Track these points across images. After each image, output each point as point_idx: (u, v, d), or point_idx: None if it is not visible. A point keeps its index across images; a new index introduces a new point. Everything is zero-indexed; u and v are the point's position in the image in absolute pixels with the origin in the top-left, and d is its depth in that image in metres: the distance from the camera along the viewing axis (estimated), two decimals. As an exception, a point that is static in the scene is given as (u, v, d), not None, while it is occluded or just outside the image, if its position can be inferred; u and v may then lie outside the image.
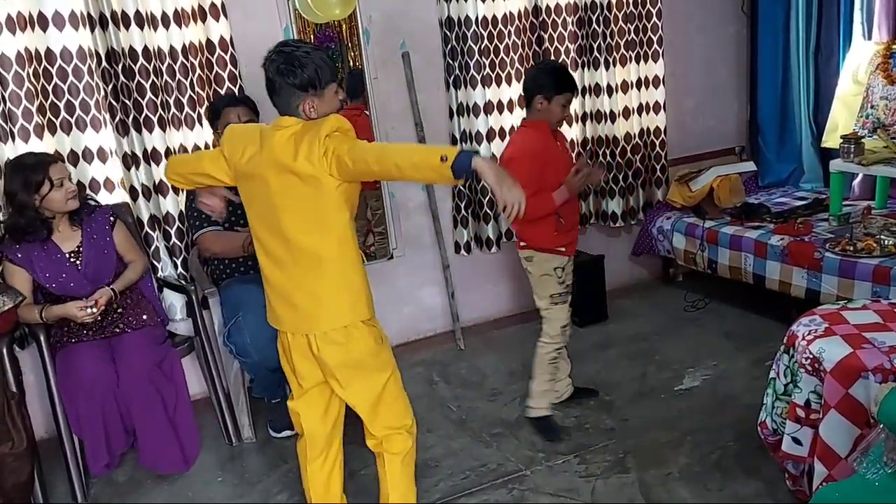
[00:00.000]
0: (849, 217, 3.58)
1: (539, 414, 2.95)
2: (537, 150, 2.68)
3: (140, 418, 2.74)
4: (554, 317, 2.87)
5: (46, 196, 2.70)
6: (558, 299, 2.85)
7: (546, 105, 2.68)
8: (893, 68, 3.70)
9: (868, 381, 1.96)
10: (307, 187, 1.92)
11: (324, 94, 1.97)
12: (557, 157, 2.77)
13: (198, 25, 3.15)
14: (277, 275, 2.07)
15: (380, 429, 2.17)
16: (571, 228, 2.85)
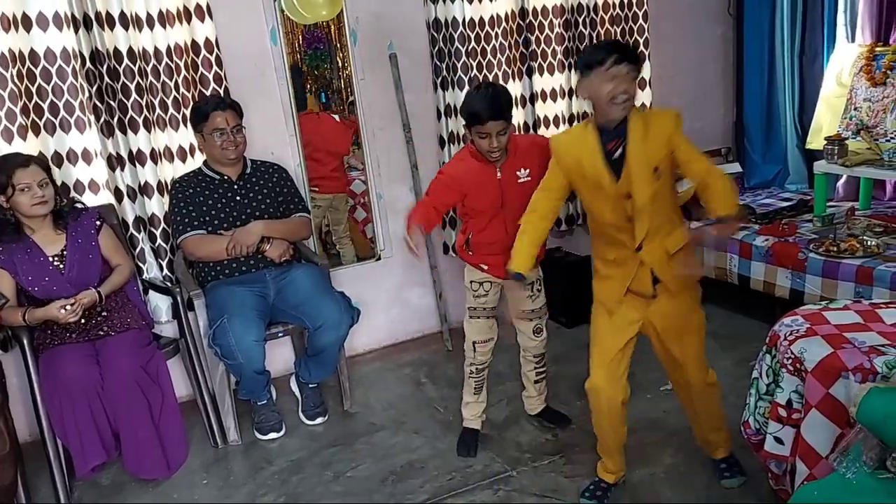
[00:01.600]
0: (833, 218, 3.61)
1: (465, 424, 2.93)
2: (451, 172, 2.66)
3: (125, 422, 2.73)
4: (466, 330, 2.83)
5: (12, 199, 2.69)
6: (472, 313, 2.79)
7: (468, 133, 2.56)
8: (876, 71, 3.73)
9: (848, 381, 1.97)
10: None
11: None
12: (481, 184, 2.57)
13: (183, 26, 3.14)
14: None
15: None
16: (494, 253, 2.65)
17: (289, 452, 3.00)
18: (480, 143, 2.50)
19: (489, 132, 2.46)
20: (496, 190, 2.59)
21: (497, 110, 2.46)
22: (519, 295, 2.66)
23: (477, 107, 2.45)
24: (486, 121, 2.44)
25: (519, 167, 2.59)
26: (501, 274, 2.60)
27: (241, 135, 3.06)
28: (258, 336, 2.84)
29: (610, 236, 2.31)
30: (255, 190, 3.12)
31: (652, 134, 2.17)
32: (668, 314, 2.34)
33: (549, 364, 3.00)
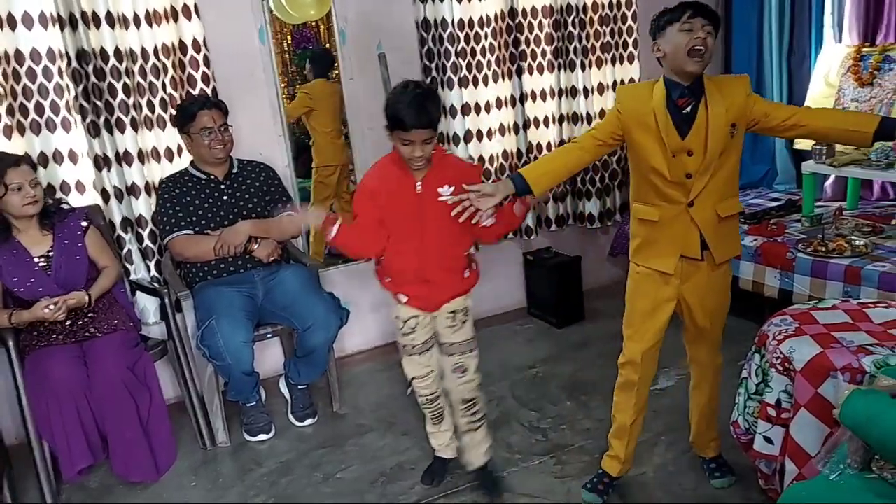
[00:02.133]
0: (821, 218, 3.62)
1: (436, 453, 2.74)
2: (368, 183, 2.40)
3: (112, 424, 2.71)
4: (403, 364, 2.57)
5: (3, 199, 2.66)
6: (404, 350, 2.52)
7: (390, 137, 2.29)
8: (863, 71, 3.75)
9: (837, 381, 1.98)
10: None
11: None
12: (398, 195, 2.32)
13: (170, 25, 3.12)
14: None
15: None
16: (409, 282, 2.40)
17: (278, 454, 2.98)
18: (403, 150, 2.24)
19: (414, 140, 2.20)
20: (414, 204, 2.31)
21: (425, 117, 2.19)
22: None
23: (402, 111, 2.17)
24: (410, 128, 2.18)
25: (442, 183, 2.29)
26: (425, 306, 2.41)
27: (229, 133, 3.04)
28: (246, 337, 2.83)
29: (661, 192, 2.24)
30: (242, 189, 3.10)
31: (727, 93, 2.19)
32: (710, 286, 2.34)
33: (484, 411, 2.61)
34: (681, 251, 2.27)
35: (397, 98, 2.22)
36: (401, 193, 2.32)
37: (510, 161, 3.94)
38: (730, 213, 2.28)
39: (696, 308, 2.37)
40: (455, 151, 3.76)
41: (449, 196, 2.24)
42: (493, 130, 3.87)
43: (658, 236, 2.29)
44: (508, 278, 4.16)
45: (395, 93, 2.26)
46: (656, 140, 2.19)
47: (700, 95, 2.19)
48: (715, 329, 2.45)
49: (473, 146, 3.80)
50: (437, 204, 2.27)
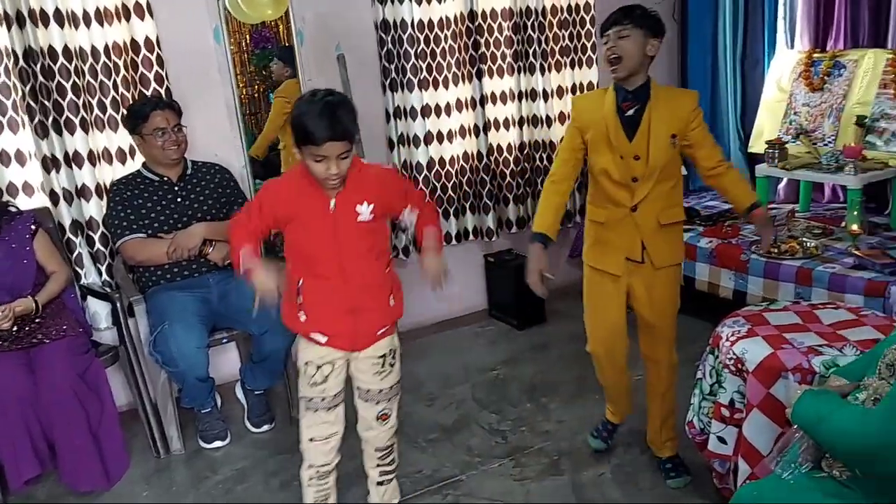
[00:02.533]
0: (774, 220, 3.68)
1: None
2: (277, 188, 2.15)
3: (60, 433, 2.63)
4: (301, 422, 2.23)
5: None
6: (308, 404, 2.19)
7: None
8: (814, 76, 3.83)
9: (788, 381, 2.02)
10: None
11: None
12: (310, 214, 2.06)
13: (121, 24, 3.05)
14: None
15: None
16: (334, 314, 2.12)
17: (234, 461, 2.93)
18: (315, 168, 1.96)
19: (327, 155, 1.93)
20: (328, 225, 2.05)
21: (339, 128, 1.93)
22: (542, 265, 2.39)
23: (312, 123, 1.91)
24: (323, 141, 1.91)
25: (360, 200, 2.06)
26: (350, 344, 2.15)
27: (183, 134, 2.99)
28: (200, 342, 2.78)
29: (609, 195, 2.35)
30: (196, 191, 3.04)
31: (674, 104, 2.31)
32: (652, 285, 2.42)
33: (398, 459, 2.43)
34: (626, 254, 2.39)
35: (305, 108, 1.93)
36: (314, 211, 2.05)
37: (471, 163, 3.94)
38: (671, 221, 2.38)
39: (644, 304, 2.45)
40: (415, 154, 3.75)
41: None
42: (453, 133, 3.86)
43: (606, 237, 2.41)
44: (469, 280, 4.16)
45: (303, 102, 1.97)
46: (606, 143, 2.30)
47: (645, 101, 2.28)
48: (665, 328, 2.49)
49: (434, 148, 3.79)
50: (354, 226, 2.06)
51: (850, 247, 3.20)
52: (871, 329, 2.16)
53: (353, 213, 2.06)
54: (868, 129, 3.51)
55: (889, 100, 3.47)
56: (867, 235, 3.33)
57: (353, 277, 2.09)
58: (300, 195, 2.05)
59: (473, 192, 3.97)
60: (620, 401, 2.69)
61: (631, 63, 2.23)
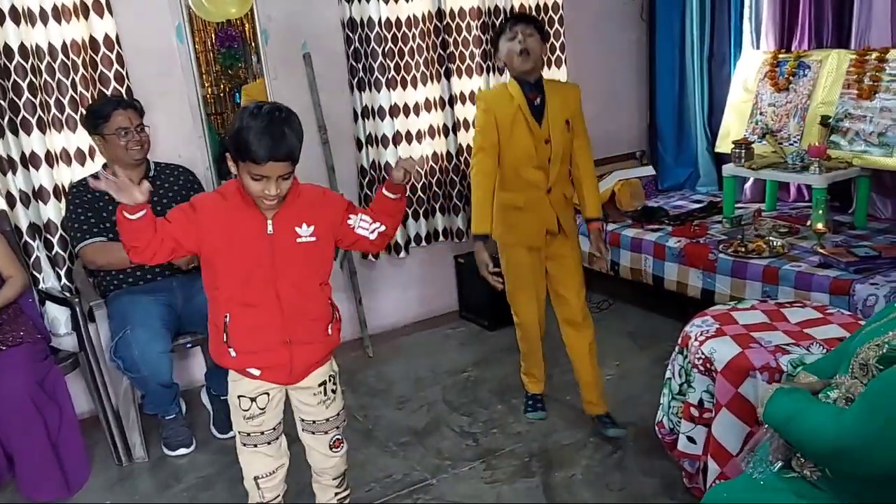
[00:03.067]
0: (741, 219, 3.72)
1: None
2: (203, 207, 1.93)
3: (18, 442, 2.56)
4: (241, 461, 2.13)
5: None
6: (246, 440, 2.08)
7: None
8: (780, 77, 3.87)
9: (756, 380, 2.02)
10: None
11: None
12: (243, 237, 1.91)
13: (80, 22, 2.97)
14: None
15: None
16: (266, 348, 1.97)
17: (199, 468, 2.87)
18: (252, 187, 1.83)
19: (268, 175, 1.81)
20: (265, 248, 1.91)
21: (284, 148, 1.81)
22: (485, 260, 2.63)
23: (254, 139, 1.77)
24: (264, 160, 1.78)
25: (299, 222, 1.93)
26: (284, 377, 2.01)
27: (145, 134, 2.92)
28: (164, 347, 2.71)
29: (526, 180, 2.63)
30: (159, 194, 2.98)
31: (561, 95, 2.66)
32: (564, 255, 2.76)
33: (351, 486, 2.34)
34: (545, 227, 2.69)
35: (248, 122, 1.79)
36: (248, 234, 1.90)
37: (440, 164, 3.92)
38: (571, 196, 2.79)
39: (561, 270, 2.77)
40: (384, 154, 3.71)
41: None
42: (422, 133, 3.83)
43: (524, 218, 2.67)
44: (440, 281, 4.13)
45: (246, 115, 1.81)
46: (527, 131, 2.59)
47: (543, 93, 2.62)
48: (581, 288, 2.81)
49: (403, 149, 3.75)
50: (293, 248, 1.92)
51: (816, 245, 3.23)
52: (836, 327, 2.17)
53: (293, 234, 1.92)
54: (832, 129, 3.55)
55: (852, 100, 3.51)
56: (832, 234, 3.38)
57: (289, 306, 1.94)
58: (233, 214, 1.90)
59: (443, 192, 3.95)
60: (541, 366, 3.00)
61: (536, 57, 2.56)
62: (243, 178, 1.85)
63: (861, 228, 3.49)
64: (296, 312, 1.96)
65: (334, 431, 2.14)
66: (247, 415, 2.02)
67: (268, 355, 1.97)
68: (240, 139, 1.79)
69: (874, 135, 3.39)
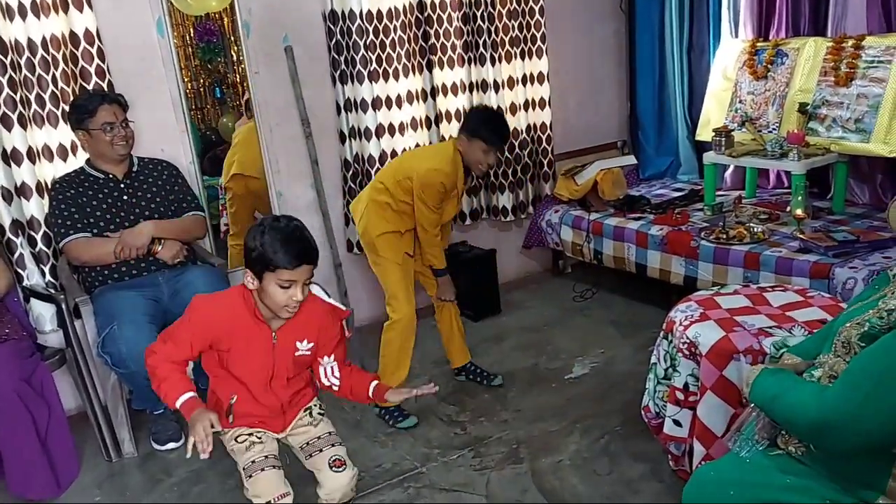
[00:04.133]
0: (722, 207, 3.77)
1: None
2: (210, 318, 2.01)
3: (6, 440, 2.54)
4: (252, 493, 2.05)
5: None
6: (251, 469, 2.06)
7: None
8: (758, 65, 3.92)
9: (740, 363, 2.06)
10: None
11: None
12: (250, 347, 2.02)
13: (59, 16, 2.94)
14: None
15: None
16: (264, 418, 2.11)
17: (189, 462, 2.86)
18: (278, 296, 1.90)
19: (296, 280, 1.89)
20: (268, 358, 2.03)
21: (312, 251, 1.92)
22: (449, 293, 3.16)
23: (285, 249, 1.86)
24: (296, 265, 1.87)
25: (301, 337, 2.05)
26: (275, 430, 2.14)
27: (130, 129, 2.91)
28: (151, 342, 2.70)
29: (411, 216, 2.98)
30: (143, 189, 2.97)
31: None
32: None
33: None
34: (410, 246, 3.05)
35: (272, 235, 1.87)
36: (254, 344, 2.00)
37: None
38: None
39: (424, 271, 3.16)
40: (367, 147, 3.71)
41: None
42: (405, 125, 3.84)
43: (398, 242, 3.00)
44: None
45: (267, 229, 1.89)
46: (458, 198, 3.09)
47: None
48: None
49: (385, 141, 3.76)
50: (292, 360, 2.06)
51: (796, 231, 3.29)
52: (817, 310, 2.22)
53: (293, 349, 2.05)
54: (810, 116, 3.61)
55: (829, 87, 3.57)
56: (811, 219, 3.44)
57: (282, 395, 2.11)
58: (239, 325, 1.98)
59: (427, 184, 3.95)
60: (406, 372, 3.08)
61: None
62: (269, 289, 1.90)
63: (839, 213, 3.56)
64: (286, 396, 2.12)
65: (330, 449, 2.15)
66: (248, 444, 2.09)
67: (264, 420, 2.12)
68: (268, 250, 1.86)
69: (851, 121, 3.45)
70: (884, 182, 3.68)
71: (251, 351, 2.01)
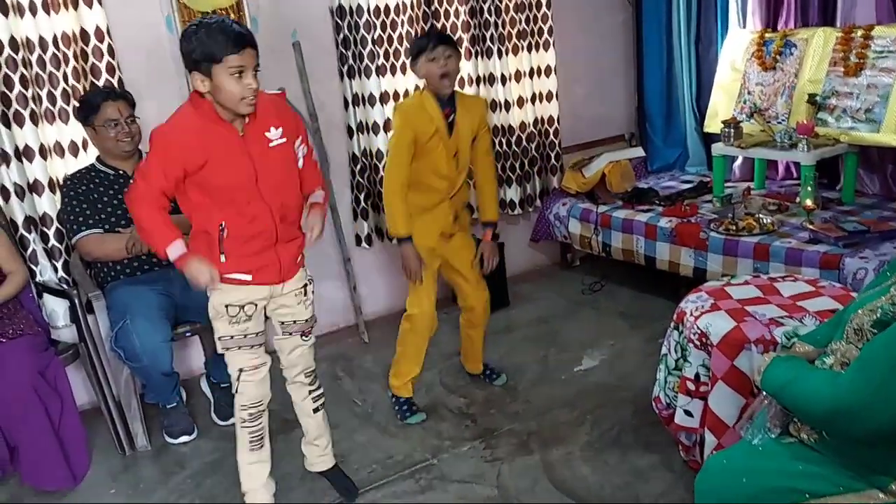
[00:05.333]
0: (731, 198, 3.76)
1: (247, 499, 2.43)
2: (175, 134, 2.01)
3: (21, 433, 2.57)
4: (228, 359, 2.22)
5: None
6: (229, 343, 2.18)
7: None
8: (767, 56, 3.90)
9: (751, 353, 2.06)
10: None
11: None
12: (222, 152, 2.01)
13: (70, 13, 2.96)
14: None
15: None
16: (258, 250, 2.11)
17: (202, 455, 2.90)
18: (233, 87, 1.91)
19: (245, 65, 1.92)
20: (244, 157, 2.01)
21: (250, 35, 1.97)
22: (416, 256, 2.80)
23: (224, 35, 1.89)
24: (241, 47, 1.91)
25: (267, 126, 2.04)
26: (275, 277, 2.15)
27: (136, 125, 2.92)
28: (164, 336, 2.73)
29: (430, 185, 2.76)
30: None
31: (470, 111, 2.79)
32: (462, 246, 2.93)
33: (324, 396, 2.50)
34: (441, 230, 2.82)
35: (206, 28, 1.90)
36: (226, 150, 1.98)
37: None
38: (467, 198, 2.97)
39: (459, 263, 2.93)
40: (375, 141, 3.73)
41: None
42: (413, 119, 3.84)
43: (426, 219, 2.78)
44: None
45: (199, 27, 1.91)
46: (442, 148, 2.71)
47: (454, 108, 2.74)
48: (474, 273, 2.99)
49: (393, 135, 3.76)
50: (269, 153, 2.03)
51: (805, 221, 3.28)
52: (828, 299, 2.22)
53: (265, 140, 2.04)
54: (819, 107, 3.59)
55: (839, 77, 3.55)
56: (821, 210, 3.43)
57: (278, 211, 2.08)
58: (206, 135, 1.97)
59: (435, 177, 3.96)
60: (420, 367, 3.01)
61: (455, 78, 2.70)
62: (223, 83, 1.90)
63: (849, 204, 3.55)
64: (280, 212, 2.10)
65: (303, 333, 2.32)
66: (234, 320, 2.12)
67: (258, 257, 2.10)
68: (208, 42, 1.88)
69: (861, 111, 3.43)
70: (894, 172, 3.66)
71: (226, 156, 1.98)
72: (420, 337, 2.96)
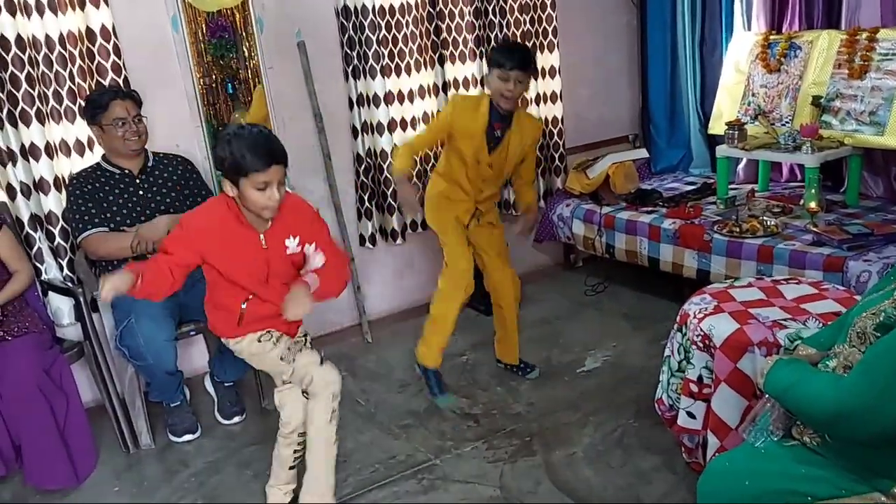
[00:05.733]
0: (735, 200, 3.76)
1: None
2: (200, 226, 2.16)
3: (26, 431, 2.58)
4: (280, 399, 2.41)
5: None
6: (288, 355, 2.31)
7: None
8: (771, 58, 3.90)
9: (754, 355, 2.07)
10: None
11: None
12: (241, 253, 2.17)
13: (76, 13, 2.97)
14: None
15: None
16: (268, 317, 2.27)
17: (206, 453, 2.91)
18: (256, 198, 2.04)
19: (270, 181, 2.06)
20: (261, 262, 2.18)
21: (279, 152, 2.09)
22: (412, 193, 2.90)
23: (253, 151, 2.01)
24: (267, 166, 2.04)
25: (287, 234, 2.19)
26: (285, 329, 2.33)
27: (143, 124, 2.93)
28: (169, 335, 2.74)
29: (457, 181, 2.93)
30: (158, 184, 2.99)
31: (526, 132, 2.92)
32: (485, 231, 3.08)
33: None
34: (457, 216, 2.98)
35: (240, 142, 2.01)
36: (245, 252, 2.14)
37: (434, 150, 3.93)
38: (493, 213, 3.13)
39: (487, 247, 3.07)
40: (379, 141, 3.73)
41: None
42: (416, 119, 3.85)
43: (452, 205, 2.97)
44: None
45: (232, 137, 2.03)
46: (474, 151, 2.84)
47: (509, 124, 2.86)
48: (502, 254, 3.11)
49: (398, 136, 3.77)
50: (284, 259, 2.20)
51: (809, 224, 3.28)
52: (832, 302, 2.22)
53: (283, 248, 2.19)
54: (824, 109, 3.60)
55: (843, 80, 3.55)
56: (825, 213, 3.42)
57: (280, 294, 2.19)
58: (229, 234, 2.13)
59: (439, 178, 3.96)
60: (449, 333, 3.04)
61: (517, 101, 2.82)
62: (246, 193, 2.05)
63: (853, 207, 3.55)
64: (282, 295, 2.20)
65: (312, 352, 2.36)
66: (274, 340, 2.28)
67: (270, 321, 2.28)
68: (238, 157, 2.01)
69: (865, 114, 3.43)
70: (898, 175, 3.66)
71: (242, 255, 2.14)
72: (451, 300, 2.95)
